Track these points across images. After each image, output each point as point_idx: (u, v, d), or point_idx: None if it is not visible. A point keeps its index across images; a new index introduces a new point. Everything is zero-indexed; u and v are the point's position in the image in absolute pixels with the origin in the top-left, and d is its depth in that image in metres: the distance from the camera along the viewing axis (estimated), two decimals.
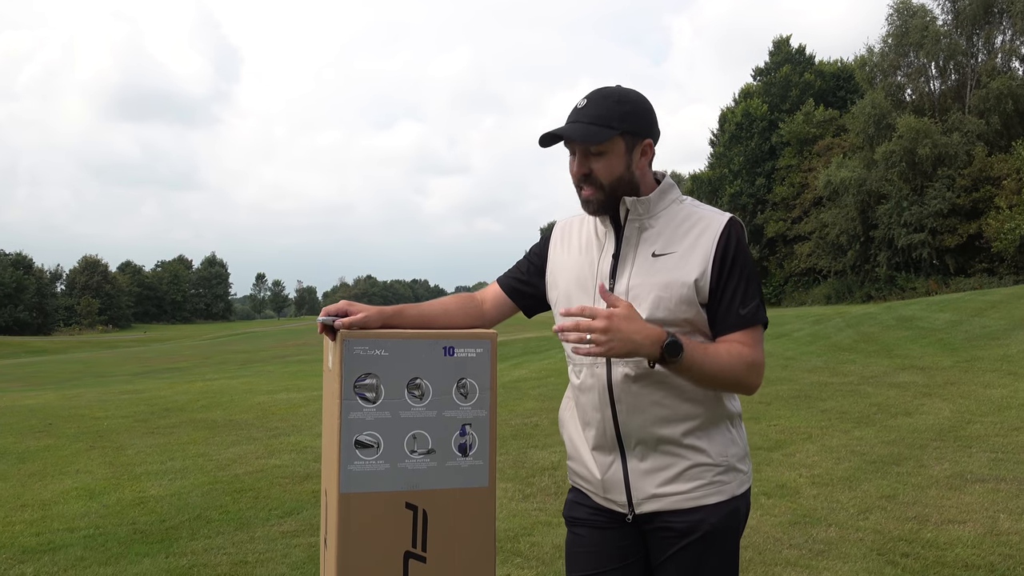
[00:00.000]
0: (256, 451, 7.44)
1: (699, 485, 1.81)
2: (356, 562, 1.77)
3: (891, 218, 39.22)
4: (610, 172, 1.82)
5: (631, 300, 1.80)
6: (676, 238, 1.83)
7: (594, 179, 1.82)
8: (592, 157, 1.82)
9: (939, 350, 12.39)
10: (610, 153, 1.81)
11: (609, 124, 1.79)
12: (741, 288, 1.80)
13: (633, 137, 1.83)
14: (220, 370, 21.12)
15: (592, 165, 1.82)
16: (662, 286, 1.79)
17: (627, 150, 1.83)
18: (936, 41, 40.07)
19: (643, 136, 1.85)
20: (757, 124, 49.99)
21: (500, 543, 4.55)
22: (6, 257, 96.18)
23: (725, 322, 1.80)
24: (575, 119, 1.82)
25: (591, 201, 1.85)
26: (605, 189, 1.83)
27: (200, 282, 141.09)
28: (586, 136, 1.79)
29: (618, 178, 1.83)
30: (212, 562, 4.25)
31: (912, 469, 5.93)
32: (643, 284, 1.81)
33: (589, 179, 1.83)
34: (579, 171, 1.83)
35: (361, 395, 1.76)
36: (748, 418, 8.13)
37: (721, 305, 1.79)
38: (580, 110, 1.82)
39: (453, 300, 2.04)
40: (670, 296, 1.78)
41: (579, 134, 1.79)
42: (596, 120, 1.80)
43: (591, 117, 1.80)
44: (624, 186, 1.84)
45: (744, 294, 1.80)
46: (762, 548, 4.36)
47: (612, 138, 1.80)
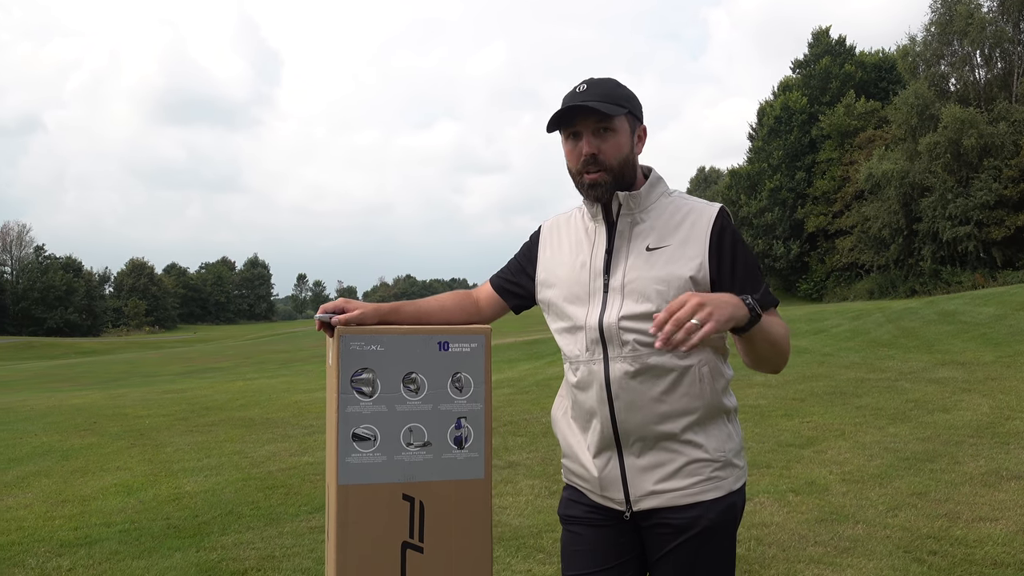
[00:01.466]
0: (290, 448, 7.57)
1: (697, 481, 1.81)
2: (355, 552, 1.81)
3: (935, 211, 38.36)
4: (619, 151, 1.82)
5: (627, 295, 1.81)
6: (669, 231, 1.83)
7: (602, 160, 1.81)
8: (601, 136, 1.81)
9: (981, 345, 12.13)
10: (618, 132, 1.82)
11: (617, 102, 1.81)
12: (750, 278, 1.80)
13: (634, 120, 1.86)
14: (260, 369, 21.47)
15: (601, 145, 1.81)
16: (660, 280, 1.79)
17: (630, 131, 1.85)
18: (981, 29, 39.08)
19: (640, 120, 1.89)
20: (796, 117, 49.27)
21: (523, 539, 4.58)
22: (56, 261, 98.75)
23: None
24: (581, 100, 1.80)
25: (599, 184, 1.83)
26: (614, 170, 1.82)
27: (243, 283, 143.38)
28: (604, 108, 1.78)
29: (625, 158, 1.84)
30: (241, 556, 4.35)
31: (946, 466, 5.83)
32: (640, 279, 1.80)
33: (597, 160, 1.81)
34: (588, 150, 1.81)
35: (358, 389, 1.81)
36: (781, 415, 8.07)
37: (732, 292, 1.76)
38: (582, 92, 1.82)
39: (450, 297, 2.08)
40: (668, 289, 1.77)
41: (599, 106, 1.78)
42: (604, 99, 1.80)
43: (598, 96, 1.81)
44: (629, 169, 1.85)
45: (753, 283, 1.80)
46: (787, 545, 4.33)
47: (621, 116, 1.82)
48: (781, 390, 9.65)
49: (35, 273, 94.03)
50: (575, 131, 1.83)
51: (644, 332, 1.77)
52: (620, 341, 1.80)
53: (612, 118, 1.80)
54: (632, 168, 1.86)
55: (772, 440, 6.93)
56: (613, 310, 1.81)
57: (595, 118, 1.80)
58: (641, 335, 1.78)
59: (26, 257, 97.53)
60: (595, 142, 1.81)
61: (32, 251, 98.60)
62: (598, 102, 1.79)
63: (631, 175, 1.86)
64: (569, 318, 1.90)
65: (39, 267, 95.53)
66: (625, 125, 1.84)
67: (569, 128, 1.84)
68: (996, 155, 37.09)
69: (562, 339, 1.95)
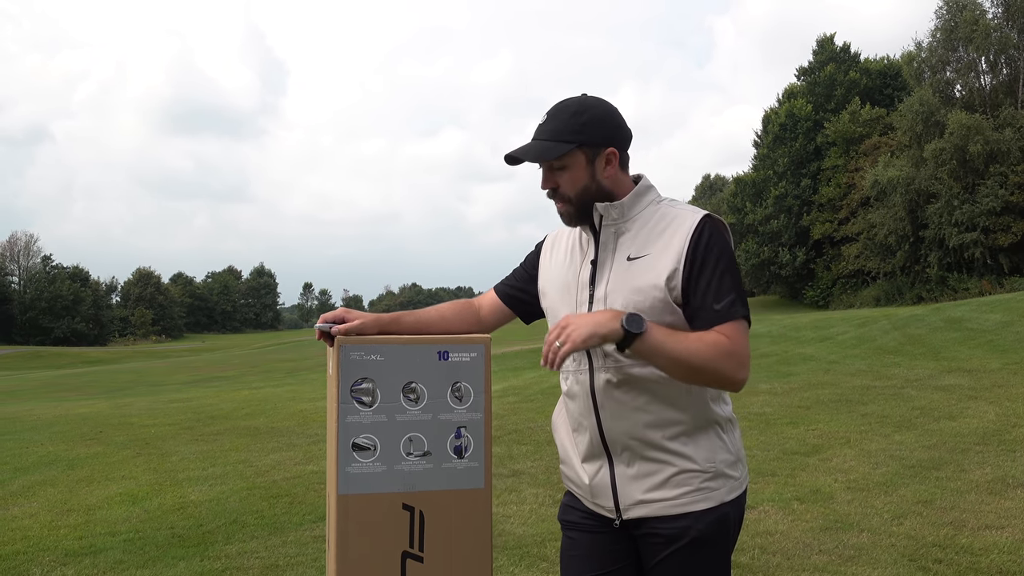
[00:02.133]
0: (295, 457, 7.57)
1: (686, 492, 1.80)
2: (355, 562, 1.82)
3: (941, 217, 38.29)
4: (574, 184, 1.84)
5: (608, 306, 1.80)
6: (651, 239, 1.81)
7: (561, 193, 1.86)
8: (556, 172, 1.85)
9: (988, 352, 12.09)
10: (571, 167, 1.83)
11: (564, 139, 1.80)
12: (715, 283, 1.74)
13: (593, 148, 1.82)
14: (266, 378, 21.49)
15: (557, 179, 1.85)
16: (635, 290, 1.78)
17: (588, 161, 1.83)
18: (986, 35, 39.09)
19: (604, 145, 1.83)
20: (801, 124, 49.28)
21: (527, 547, 4.57)
22: (64, 270, 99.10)
23: (699, 318, 1.74)
24: (535, 136, 1.85)
25: (563, 214, 1.89)
26: (573, 201, 1.85)
27: (249, 292, 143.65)
28: (540, 153, 1.81)
29: (583, 189, 1.84)
30: (245, 565, 4.36)
31: (952, 474, 5.80)
32: (618, 289, 1.80)
33: (557, 193, 1.86)
34: (544, 185, 1.87)
35: (358, 399, 1.82)
36: (786, 423, 8.04)
37: (694, 301, 1.75)
38: (540, 127, 1.85)
39: (450, 306, 2.09)
40: (643, 299, 1.76)
41: (533, 153, 1.82)
42: (553, 135, 1.82)
43: (548, 133, 1.83)
44: (592, 196, 1.85)
45: (718, 290, 1.74)
46: (791, 553, 4.32)
47: (570, 152, 1.81)
48: (786, 398, 9.62)
49: (42, 283, 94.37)
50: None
51: None
52: (603, 352, 1.81)
53: (558, 157, 1.81)
54: (597, 193, 1.84)
55: (777, 448, 6.91)
56: None
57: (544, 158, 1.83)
58: None
59: (33, 267, 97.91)
60: (551, 177, 1.85)
61: (39, 261, 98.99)
62: (543, 142, 1.81)
63: (602, 194, 1.84)
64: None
65: (46, 277, 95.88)
66: (580, 158, 1.82)
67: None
68: (1002, 161, 37.03)
69: None
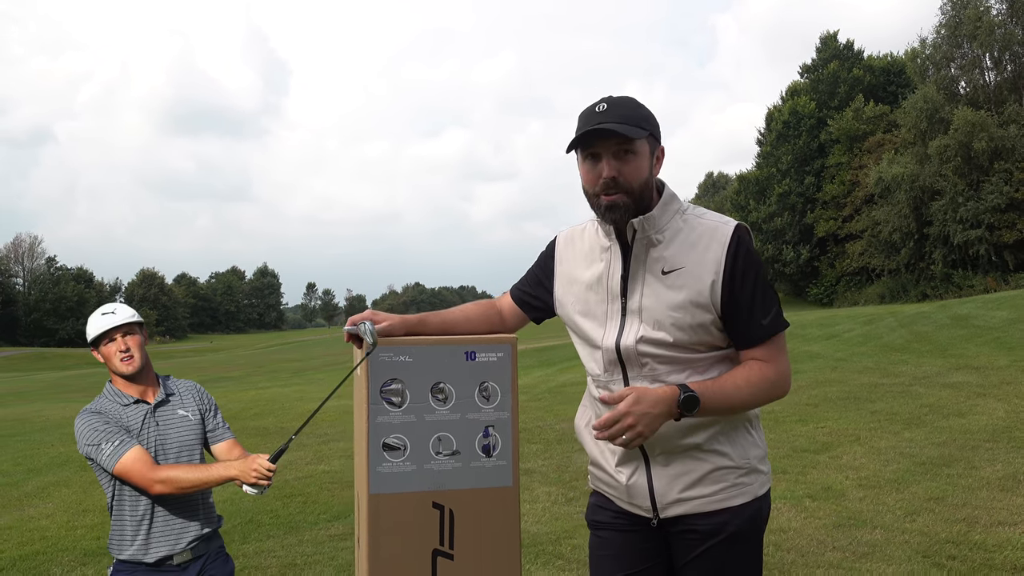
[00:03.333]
0: (306, 457, 7.61)
1: (723, 488, 1.83)
2: (387, 560, 1.84)
3: (946, 214, 38.19)
4: (639, 174, 1.78)
5: (645, 320, 1.81)
6: (683, 252, 1.81)
7: (623, 183, 1.77)
8: (622, 159, 1.77)
9: (995, 349, 12.07)
10: (639, 154, 1.78)
11: (639, 124, 1.77)
12: (759, 298, 1.78)
13: (654, 141, 1.83)
14: (273, 379, 21.54)
15: (621, 168, 1.77)
16: (676, 307, 1.79)
17: (650, 153, 1.82)
18: (991, 32, 38.96)
19: (659, 142, 1.86)
20: (805, 122, 49.19)
21: (542, 545, 4.60)
22: (68, 272, 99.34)
23: (748, 335, 1.80)
24: (601, 121, 1.76)
25: (618, 206, 1.79)
26: (634, 193, 1.78)
27: (253, 292, 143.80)
28: (627, 131, 1.74)
29: (645, 181, 1.80)
30: (262, 564, 4.39)
31: (963, 471, 5.81)
32: (656, 307, 1.80)
33: (617, 184, 1.77)
34: (609, 173, 1.76)
35: (387, 400, 1.84)
36: (795, 420, 8.06)
37: (741, 318, 1.78)
38: (603, 112, 1.77)
39: (474, 307, 2.11)
40: (683, 315, 1.78)
41: (622, 129, 1.73)
42: (626, 120, 1.76)
43: (619, 117, 1.76)
44: (648, 192, 1.82)
45: (763, 304, 1.79)
46: (805, 551, 4.34)
47: (643, 138, 1.78)
48: (795, 396, 9.63)
49: (47, 284, 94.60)
50: (594, 152, 1.79)
51: (661, 354, 1.80)
52: (639, 363, 1.83)
53: (634, 141, 1.76)
54: (651, 190, 1.83)
55: (787, 446, 6.93)
56: (631, 333, 1.82)
57: (616, 140, 1.76)
58: (658, 356, 1.81)
59: (38, 268, 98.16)
60: (615, 164, 1.77)
61: (44, 262, 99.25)
62: (620, 124, 1.74)
63: (649, 197, 1.83)
64: (587, 336, 1.92)
65: (51, 278, 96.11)
66: (646, 147, 1.80)
67: (588, 149, 1.80)
68: (1007, 158, 36.93)
69: (582, 353, 1.98)
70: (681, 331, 1.78)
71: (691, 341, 1.79)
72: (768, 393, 1.82)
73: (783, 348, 1.84)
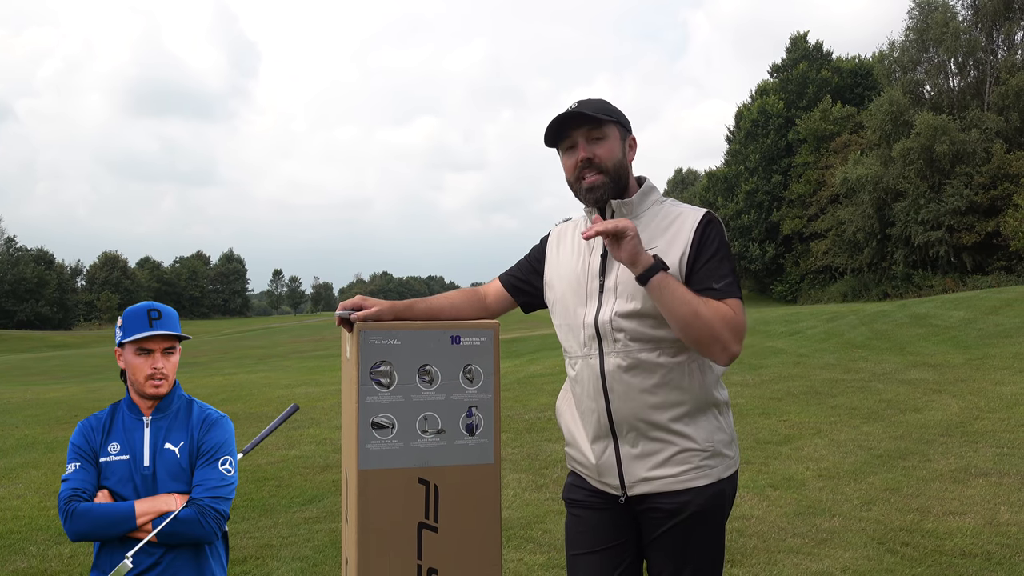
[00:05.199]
0: (277, 443, 7.64)
1: (687, 469, 1.95)
2: (375, 532, 1.93)
3: (908, 216, 38.97)
4: (611, 155, 1.99)
5: (619, 296, 1.96)
6: (658, 234, 1.99)
7: (597, 163, 1.98)
8: (594, 143, 1.98)
9: (951, 348, 12.43)
10: (609, 138, 2.00)
11: (607, 112, 1.99)
12: (715, 267, 1.92)
13: (624, 130, 2.04)
14: (239, 365, 21.41)
15: (595, 150, 1.98)
16: None
17: (621, 138, 2.03)
18: (956, 37, 39.74)
19: (629, 132, 2.07)
20: (773, 121, 49.81)
21: (514, 530, 4.71)
22: (28, 252, 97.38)
23: (701, 295, 1.88)
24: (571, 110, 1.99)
25: (596, 187, 1.99)
26: (609, 172, 1.99)
27: (218, 278, 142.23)
28: (596, 112, 1.96)
29: (618, 162, 2.00)
30: (239, 545, 4.44)
31: (918, 463, 6.03)
32: (629, 281, 1.93)
33: (592, 164, 1.98)
34: (584, 155, 1.97)
35: (376, 381, 1.93)
36: (758, 413, 8.26)
37: (696, 280, 1.91)
38: (579, 103, 2.01)
39: (459, 294, 2.21)
40: None
41: (592, 108, 1.97)
42: (594, 110, 1.99)
43: (587, 107, 1.99)
44: (622, 173, 2.01)
45: (718, 271, 1.92)
46: (767, 537, 4.49)
47: (611, 124, 2.00)
48: (758, 389, 9.86)
49: (5, 265, 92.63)
50: (571, 144, 2.00)
51: (633, 329, 1.93)
52: (613, 338, 1.96)
53: (602, 124, 1.98)
54: (626, 173, 2.03)
55: (751, 437, 7.11)
56: (607, 309, 1.97)
57: (587, 126, 1.97)
58: (631, 332, 1.93)
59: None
60: (589, 147, 1.98)
61: (3, 242, 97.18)
62: (587, 111, 1.97)
63: (625, 180, 2.03)
64: (570, 316, 2.06)
65: (9, 259, 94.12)
66: (615, 132, 2.01)
67: (565, 142, 2.01)
68: (968, 162, 37.74)
69: (562, 335, 2.10)
70: (650, 301, 1.89)
71: (659, 312, 1.89)
72: (721, 324, 1.82)
73: (741, 311, 1.89)
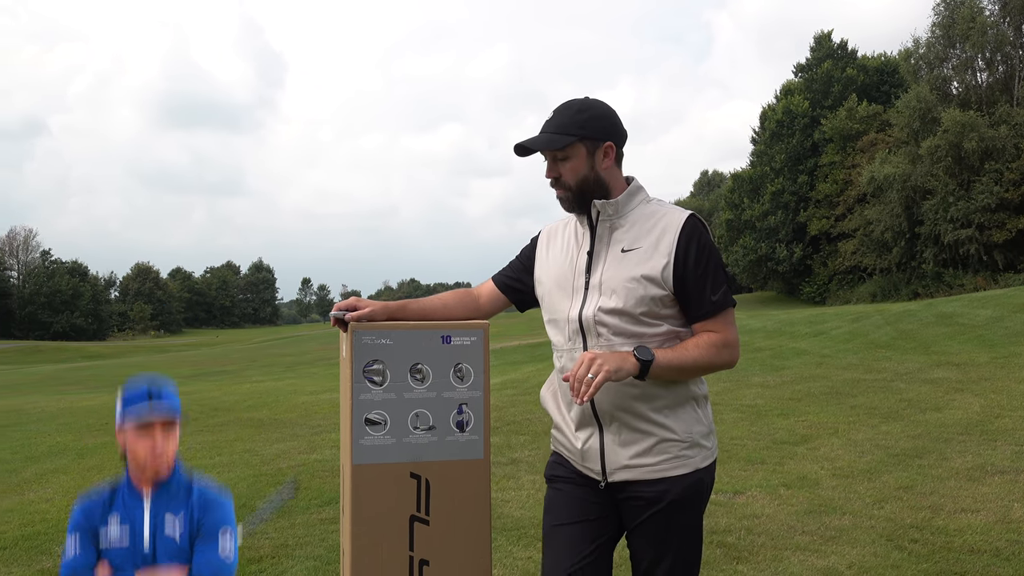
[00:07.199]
0: (299, 447, 7.78)
1: (666, 459, 2.04)
2: (368, 524, 2.03)
3: (937, 214, 38.49)
4: (575, 174, 2.09)
5: (603, 293, 2.05)
6: (642, 234, 2.07)
7: (562, 182, 2.10)
8: (559, 162, 2.09)
9: (977, 346, 12.31)
10: (573, 157, 2.08)
11: (568, 132, 2.06)
12: (709, 277, 2.02)
13: (593, 142, 2.08)
14: (267, 372, 21.70)
15: (560, 169, 2.09)
16: (631, 279, 2.03)
17: (588, 153, 2.09)
18: (983, 32, 39.24)
19: (603, 139, 2.09)
20: (799, 121, 49.45)
21: (524, 528, 4.79)
22: (63, 265, 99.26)
23: (700, 310, 2.03)
24: (543, 130, 2.10)
25: (562, 200, 2.13)
26: (572, 189, 2.10)
27: (248, 287, 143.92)
28: (547, 143, 2.06)
29: (583, 179, 2.09)
30: (255, 545, 4.57)
31: (934, 462, 6.02)
32: (614, 277, 2.04)
33: (559, 182, 2.11)
34: (549, 174, 2.12)
35: (369, 379, 2.03)
36: (777, 414, 8.26)
37: (693, 294, 2.02)
38: (547, 122, 2.11)
39: (451, 295, 2.31)
40: (637, 287, 2.02)
41: (540, 142, 2.07)
42: (558, 129, 2.06)
43: (554, 127, 2.08)
44: (591, 186, 2.09)
45: (713, 282, 2.03)
46: (775, 534, 4.53)
47: (572, 144, 2.06)
48: (779, 390, 9.84)
49: (41, 277, 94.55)
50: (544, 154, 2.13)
51: (615, 324, 2.02)
52: (596, 332, 2.05)
53: (564, 147, 2.05)
54: (595, 183, 2.09)
55: (767, 438, 7.13)
56: (591, 304, 2.06)
57: (551, 148, 2.06)
58: (613, 327, 2.02)
59: (32, 262, 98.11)
60: (555, 167, 2.09)
61: (38, 255, 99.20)
62: (548, 134, 2.06)
63: (596, 190, 2.09)
64: (556, 311, 2.16)
65: (45, 271, 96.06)
66: (580, 150, 2.06)
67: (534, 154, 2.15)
68: (997, 158, 37.22)
69: (550, 329, 2.21)
70: (632, 300, 2.01)
71: (641, 311, 2.01)
72: (716, 357, 2.02)
73: (731, 322, 2.07)
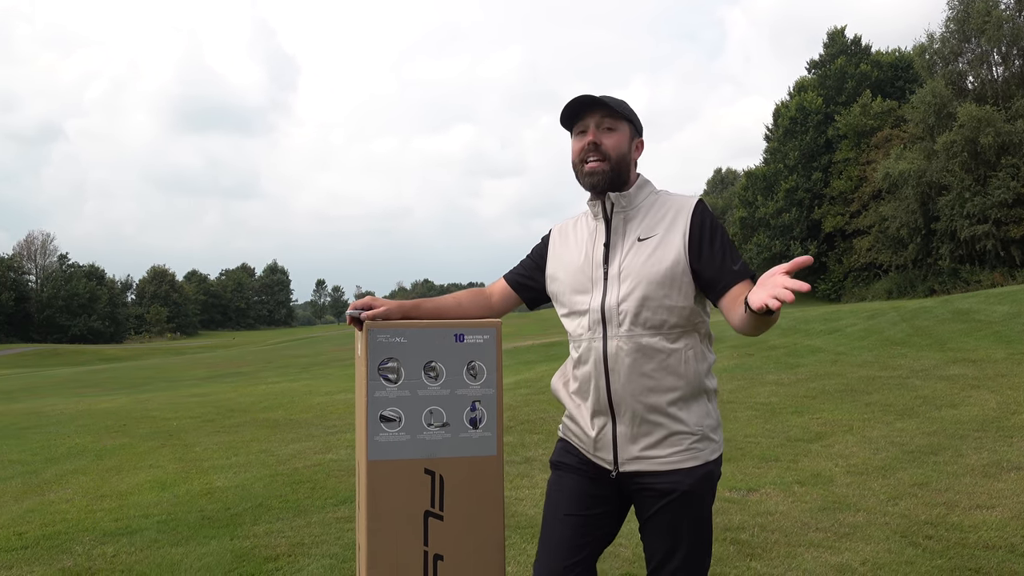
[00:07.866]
0: (315, 447, 7.84)
1: (678, 451, 2.07)
2: (383, 520, 2.07)
3: (953, 210, 38.21)
4: (618, 147, 2.13)
5: (622, 281, 2.09)
6: (655, 222, 2.13)
7: (603, 150, 2.11)
8: (605, 132, 2.12)
9: (993, 343, 12.22)
10: (620, 131, 2.14)
11: (622, 109, 2.13)
12: (728, 251, 2.08)
13: (635, 129, 2.18)
14: (282, 373, 21.83)
15: (603, 138, 2.11)
16: (650, 266, 2.07)
17: (630, 137, 2.16)
18: (999, 26, 38.92)
19: (640, 134, 2.21)
20: (812, 118, 49.23)
21: (538, 527, 4.80)
22: (80, 268, 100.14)
23: (723, 280, 2.05)
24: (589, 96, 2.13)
25: (596, 172, 2.13)
26: (611, 161, 2.12)
27: (262, 289, 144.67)
28: (616, 104, 2.11)
29: (623, 155, 2.14)
30: (272, 543, 4.62)
31: (949, 458, 6.00)
32: (631, 265, 2.09)
33: (599, 149, 2.11)
34: (591, 139, 2.11)
35: (384, 376, 2.06)
36: (791, 411, 8.25)
37: (714, 267, 2.06)
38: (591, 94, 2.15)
39: (465, 294, 2.35)
40: (657, 272, 2.06)
41: (611, 100, 2.11)
42: (611, 104, 2.12)
43: (605, 98, 2.12)
44: (624, 167, 2.15)
45: (731, 255, 2.08)
46: (788, 531, 4.54)
47: (624, 120, 2.14)
48: (792, 388, 9.82)
49: (59, 281, 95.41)
50: (583, 129, 2.13)
51: (637, 313, 2.05)
52: (617, 322, 2.08)
53: (617, 116, 2.12)
54: (627, 168, 2.16)
55: (781, 435, 7.12)
56: (613, 295, 2.09)
57: (601, 113, 2.11)
58: (635, 317, 2.05)
59: (50, 266, 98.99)
60: (599, 134, 2.11)
61: (56, 259, 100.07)
62: (606, 101, 2.10)
63: (627, 175, 2.16)
64: (575, 303, 2.18)
65: (63, 275, 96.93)
66: (627, 129, 2.16)
67: (579, 125, 2.15)
68: (1014, 153, 36.92)
69: (567, 321, 2.24)
70: (652, 282, 2.05)
71: (661, 297, 2.04)
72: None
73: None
